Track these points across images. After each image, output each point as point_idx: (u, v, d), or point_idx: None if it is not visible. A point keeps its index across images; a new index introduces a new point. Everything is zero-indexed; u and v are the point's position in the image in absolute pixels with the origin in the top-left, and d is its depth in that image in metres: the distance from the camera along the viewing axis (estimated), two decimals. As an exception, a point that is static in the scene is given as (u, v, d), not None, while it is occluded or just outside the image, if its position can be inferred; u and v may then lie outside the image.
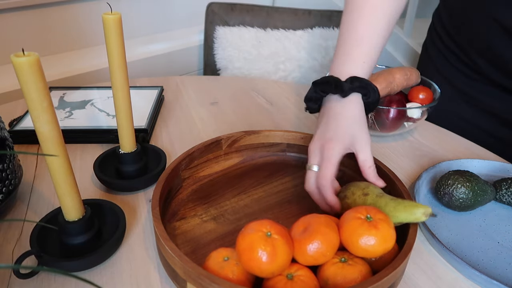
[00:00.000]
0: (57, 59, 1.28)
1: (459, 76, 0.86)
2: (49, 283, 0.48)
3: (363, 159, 0.55)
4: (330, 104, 0.58)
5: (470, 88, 0.85)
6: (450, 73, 0.88)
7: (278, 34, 1.35)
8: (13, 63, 0.38)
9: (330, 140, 0.55)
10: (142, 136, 0.70)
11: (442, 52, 0.89)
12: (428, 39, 0.96)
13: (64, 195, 0.47)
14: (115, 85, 0.56)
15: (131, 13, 1.41)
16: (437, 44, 0.91)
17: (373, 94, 0.58)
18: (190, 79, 1.01)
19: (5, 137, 0.56)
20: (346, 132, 0.55)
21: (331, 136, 0.55)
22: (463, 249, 0.55)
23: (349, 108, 0.57)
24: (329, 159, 0.54)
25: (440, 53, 0.90)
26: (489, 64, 0.79)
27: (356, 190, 0.53)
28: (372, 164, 0.55)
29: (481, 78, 0.82)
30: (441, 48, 0.90)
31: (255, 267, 0.42)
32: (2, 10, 1.15)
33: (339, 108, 0.57)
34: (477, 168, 0.69)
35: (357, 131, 0.55)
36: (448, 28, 0.87)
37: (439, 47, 0.90)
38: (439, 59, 0.90)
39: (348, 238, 0.45)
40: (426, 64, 0.96)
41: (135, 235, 0.55)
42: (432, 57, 0.93)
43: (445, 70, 0.89)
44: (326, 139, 0.55)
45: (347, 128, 0.55)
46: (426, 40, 0.98)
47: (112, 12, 0.52)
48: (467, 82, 0.85)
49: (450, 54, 0.87)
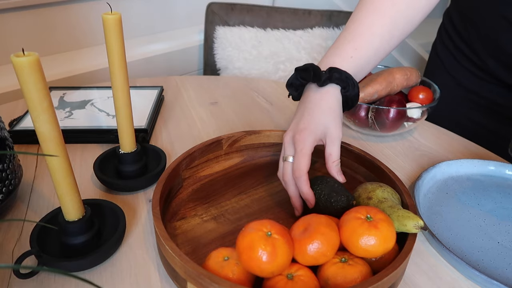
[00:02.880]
0: (57, 59, 1.28)
1: (469, 76, 0.86)
2: (49, 283, 0.48)
3: (328, 152, 0.55)
4: (309, 93, 0.58)
5: (480, 88, 0.84)
6: (459, 73, 0.87)
7: (278, 34, 1.35)
8: (13, 63, 0.38)
9: (303, 131, 0.54)
10: (142, 136, 0.70)
11: (451, 52, 0.89)
12: (438, 39, 0.96)
13: (64, 195, 0.47)
14: (115, 85, 0.56)
15: (131, 13, 1.41)
16: (447, 44, 0.91)
17: (352, 88, 0.57)
18: (190, 79, 1.01)
19: (5, 137, 0.56)
20: (319, 123, 0.55)
21: (304, 127, 0.55)
22: (463, 249, 0.55)
23: (326, 99, 0.57)
24: (301, 151, 0.53)
25: (450, 53, 0.90)
26: (499, 64, 0.79)
27: (363, 192, 0.54)
28: (336, 159, 0.55)
29: (491, 78, 0.82)
30: (451, 48, 0.89)
31: (255, 267, 0.42)
32: (2, 10, 1.15)
33: (315, 98, 0.57)
34: (477, 168, 0.69)
35: (330, 123, 0.55)
36: (459, 28, 0.87)
37: (449, 47, 0.90)
38: (448, 59, 0.90)
39: (348, 238, 0.45)
40: (435, 64, 0.96)
41: (135, 235, 0.55)
42: (442, 57, 0.92)
43: (454, 70, 0.89)
44: (299, 130, 0.55)
45: (320, 119, 0.55)
46: (435, 41, 0.97)
47: (112, 12, 0.51)
48: (476, 82, 0.85)
49: (459, 54, 0.87)
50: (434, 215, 0.60)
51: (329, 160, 0.55)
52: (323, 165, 0.67)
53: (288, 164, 0.55)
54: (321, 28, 1.37)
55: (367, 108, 0.75)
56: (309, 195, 0.53)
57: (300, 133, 0.54)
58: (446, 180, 0.67)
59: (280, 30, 1.36)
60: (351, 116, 0.77)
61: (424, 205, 0.62)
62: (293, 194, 0.56)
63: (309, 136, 0.54)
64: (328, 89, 0.57)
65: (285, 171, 0.56)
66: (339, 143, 0.55)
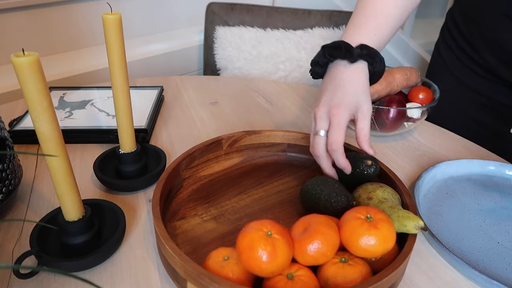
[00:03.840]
0: (57, 59, 1.28)
1: (471, 76, 0.86)
2: (49, 283, 0.48)
3: (360, 127, 0.57)
4: (337, 70, 0.60)
5: (482, 87, 0.85)
6: (461, 72, 0.88)
7: (278, 34, 1.35)
8: (13, 63, 0.38)
9: (338, 106, 0.56)
10: (142, 136, 0.70)
11: (454, 52, 0.90)
12: (441, 38, 0.96)
13: (64, 195, 0.47)
14: (115, 85, 0.56)
15: (131, 13, 1.41)
16: (449, 44, 0.91)
17: (379, 64, 0.60)
18: (190, 79, 1.01)
19: (5, 137, 0.56)
20: (352, 99, 0.57)
21: (339, 102, 0.57)
22: (463, 249, 0.55)
23: (356, 76, 0.59)
24: (338, 124, 0.56)
25: (453, 53, 0.90)
26: (501, 63, 0.79)
27: (363, 193, 0.54)
28: (367, 134, 0.57)
29: (493, 77, 0.82)
30: (453, 48, 0.90)
31: (255, 267, 0.42)
32: (2, 10, 1.15)
33: (346, 75, 0.59)
34: (477, 168, 0.69)
35: (362, 99, 0.57)
36: (461, 27, 0.87)
37: (452, 46, 0.90)
38: (451, 59, 0.91)
39: (348, 238, 0.45)
40: (437, 64, 0.96)
41: (135, 235, 0.55)
42: (444, 57, 0.93)
43: (457, 70, 0.89)
44: (334, 105, 0.57)
45: (354, 95, 0.57)
46: (438, 41, 0.98)
47: (112, 12, 0.51)
48: (478, 81, 0.85)
49: (462, 54, 0.88)
50: (434, 215, 0.60)
51: (360, 134, 0.57)
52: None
53: (319, 138, 0.57)
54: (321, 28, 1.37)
55: (367, 108, 0.75)
56: (345, 164, 0.56)
57: (336, 108, 0.56)
58: (446, 180, 0.67)
59: (280, 30, 1.36)
60: (351, 116, 0.77)
61: (424, 205, 0.62)
62: (326, 166, 0.58)
63: (345, 111, 0.56)
64: (358, 65, 0.59)
65: (316, 145, 0.57)
66: (369, 117, 0.58)
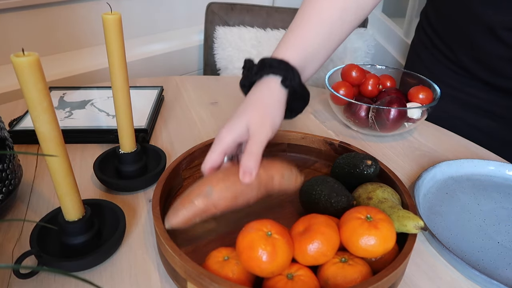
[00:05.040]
0: (57, 59, 1.28)
1: (446, 72, 0.88)
2: (49, 283, 0.48)
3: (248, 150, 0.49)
4: None
5: (457, 84, 0.87)
6: (437, 69, 0.90)
7: (278, 34, 1.35)
8: (13, 63, 0.38)
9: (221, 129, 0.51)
10: (142, 136, 0.70)
11: (429, 50, 0.92)
12: (416, 37, 0.98)
13: (64, 195, 0.47)
14: (115, 85, 0.56)
15: (131, 13, 1.41)
16: (424, 42, 0.93)
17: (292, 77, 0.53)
18: (190, 79, 1.01)
19: (5, 137, 0.56)
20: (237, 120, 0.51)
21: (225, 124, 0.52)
22: (463, 249, 0.55)
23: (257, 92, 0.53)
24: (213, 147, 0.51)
25: (428, 50, 0.92)
26: (473, 62, 0.82)
27: (363, 193, 0.54)
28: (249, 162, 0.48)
29: (467, 74, 0.85)
30: (428, 46, 0.92)
31: (255, 267, 0.42)
32: (2, 10, 1.15)
33: (250, 93, 0.55)
34: (477, 168, 0.69)
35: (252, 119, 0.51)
36: (436, 26, 0.89)
37: (427, 45, 0.92)
38: (426, 56, 0.93)
39: (348, 238, 0.45)
40: (414, 62, 0.98)
41: (135, 235, 0.55)
42: (420, 54, 0.95)
43: (432, 67, 0.91)
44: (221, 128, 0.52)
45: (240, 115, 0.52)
46: (413, 39, 1.00)
47: (112, 12, 0.51)
48: (453, 77, 0.87)
49: (437, 52, 0.90)
50: (434, 215, 0.60)
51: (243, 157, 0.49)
52: (323, 165, 0.67)
53: None
54: (321, 28, 1.37)
55: (367, 108, 0.75)
56: None
57: (220, 131, 0.51)
58: (446, 180, 0.67)
59: (280, 30, 1.36)
60: (351, 116, 0.77)
61: (424, 205, 0.62)
62: None
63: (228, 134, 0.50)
64: (267, 80, 0.54)
65: None
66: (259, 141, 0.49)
